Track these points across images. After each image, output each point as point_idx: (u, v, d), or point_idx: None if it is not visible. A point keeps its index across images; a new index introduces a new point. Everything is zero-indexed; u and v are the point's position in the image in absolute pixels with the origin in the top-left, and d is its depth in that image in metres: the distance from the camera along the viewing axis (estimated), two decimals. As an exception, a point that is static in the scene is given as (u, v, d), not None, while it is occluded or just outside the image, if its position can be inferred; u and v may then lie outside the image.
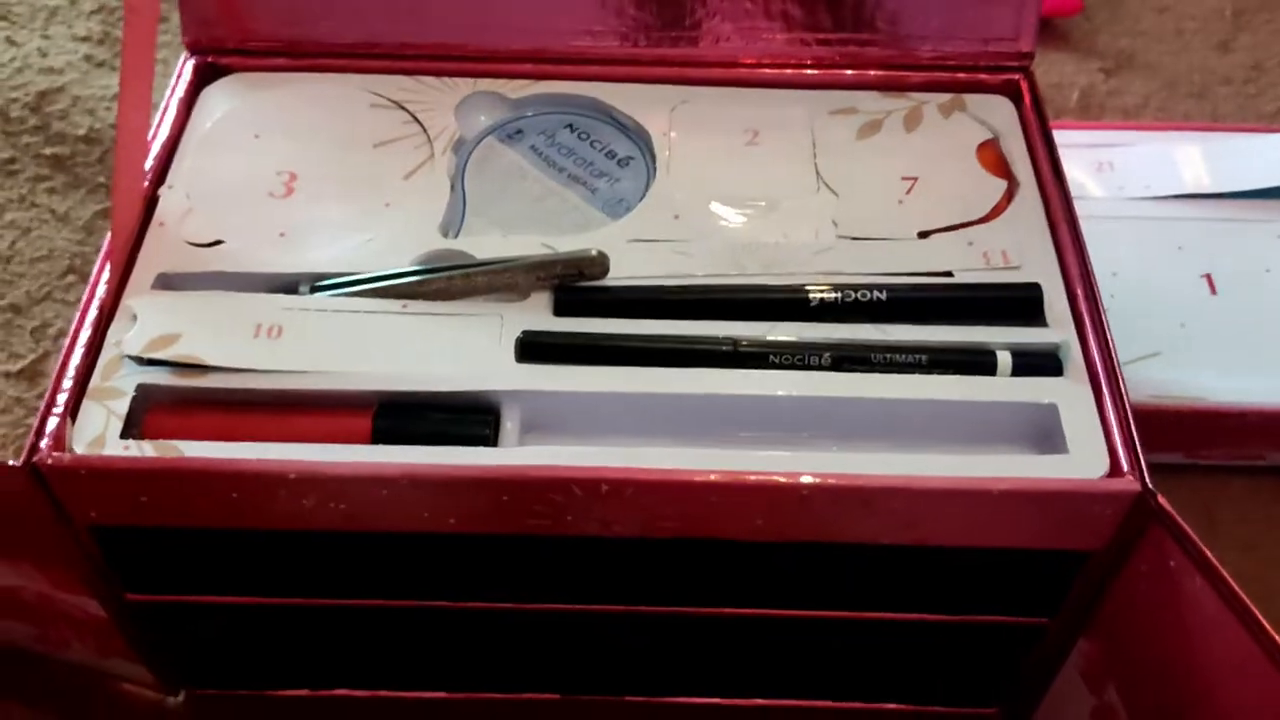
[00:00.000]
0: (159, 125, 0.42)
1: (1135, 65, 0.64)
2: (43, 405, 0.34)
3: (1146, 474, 0.33)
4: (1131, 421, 0.34)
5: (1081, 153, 0.55)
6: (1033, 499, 0.33)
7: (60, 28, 0.63)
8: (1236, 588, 0.31)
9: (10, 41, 0.62)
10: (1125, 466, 0.34)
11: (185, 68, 0.43)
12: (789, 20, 0.43)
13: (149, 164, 0.40)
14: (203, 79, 0.43)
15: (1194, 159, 0.54)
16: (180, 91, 0.43)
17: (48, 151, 0.58)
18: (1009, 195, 0.41)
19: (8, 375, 0.50)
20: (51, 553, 0.36)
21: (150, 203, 0.40)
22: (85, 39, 0.63)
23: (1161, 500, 0.33)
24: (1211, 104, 0.63)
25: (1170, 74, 0.64)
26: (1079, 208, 0.40)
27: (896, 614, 0.38)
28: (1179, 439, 0.48)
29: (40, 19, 0.63)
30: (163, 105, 0.42)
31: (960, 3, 0.43)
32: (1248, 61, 0.65)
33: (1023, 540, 0.35)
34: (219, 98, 0.43)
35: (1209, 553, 0.32)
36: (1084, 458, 0.34)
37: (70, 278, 0.54)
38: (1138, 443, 0.34)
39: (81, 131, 0.58)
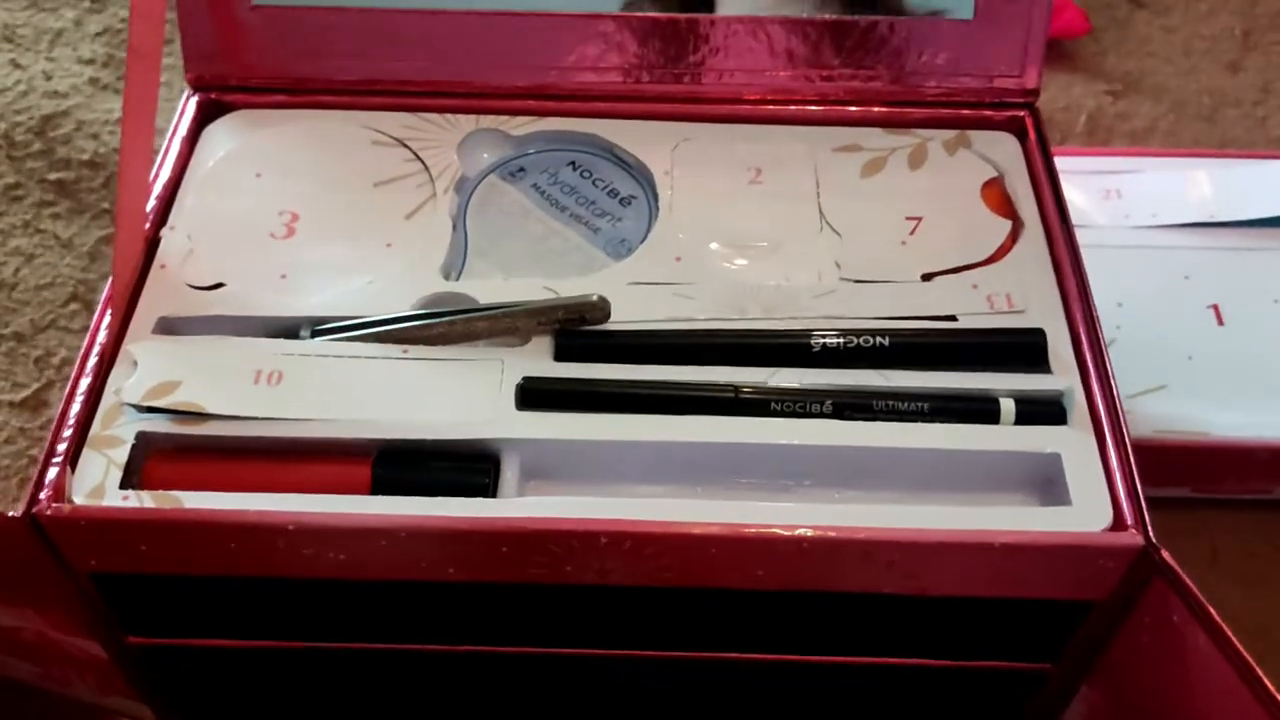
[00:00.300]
0: (161, 164, 0.42)
1: (1143, 87, 0.64)
2: (43, 454, 0.34)
3: (1150, 526, 0.33)
4: (1135, 472, 0.34)
5: (1088, 179, 0.55)
6: (1035, 551, 0.33)
7: (65, 50, 0.63)
8: (1238, 644, 0.31)
9: (15, 65, 0.62)
10: (1129, 519, 0.34)
11: (188, 105, 0.43)
12: (793, 56, 0.43)
13: (151, 203, 0.40)
14: (205, 116, 0.43)
15: (1202, 187, 0.54)
16: (183, 129, 0.43)
17: (52, 177, 0.58)
18: (1013, 236, 0.41)
19: (11, 405, 0.50)
20: (52, 598, 0.36)
21: (152, 244, 0.40)
22: (90, 62, 0.62)
23: (1165, 555, 0.33)
24: (1220, 127, 0.62)
25: (1179, 96, 0.63)
26: (1085, 236, 0.40)
27: (898, 659, 0.38)
28: (1185, 473, 0.47)
29: (45, 42, 0.63)
30: (165, 143, 0.42)
31: (965, 39, 0.43)
32: (1258, 83, 0.64)
33: (1025, 591, 0.35)
34: (221, 135, 0.43)
35: (1212, 609, 0.32)
36: (1087, 509, 0.34)
37: (74, 305, 0.54)
38: (1141, 494, 0.34)
39: (86, 156, 0.58)
